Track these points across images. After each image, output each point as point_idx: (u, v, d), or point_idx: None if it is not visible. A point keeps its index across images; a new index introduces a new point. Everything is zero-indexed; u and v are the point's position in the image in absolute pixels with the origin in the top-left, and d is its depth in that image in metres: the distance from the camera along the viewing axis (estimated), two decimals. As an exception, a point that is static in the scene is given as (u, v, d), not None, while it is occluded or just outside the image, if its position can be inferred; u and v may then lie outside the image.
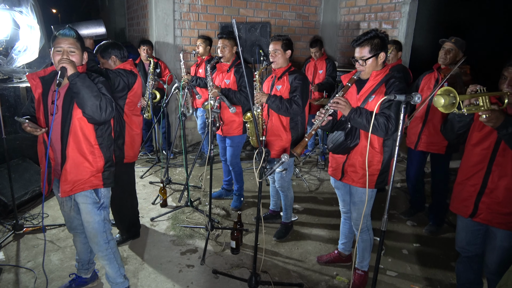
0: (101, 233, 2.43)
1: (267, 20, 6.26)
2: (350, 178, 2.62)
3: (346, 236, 3.04)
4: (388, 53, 2.53)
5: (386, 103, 2.32)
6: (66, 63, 2.07)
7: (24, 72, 4.06)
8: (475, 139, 2.19)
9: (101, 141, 2.32)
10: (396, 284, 2.91)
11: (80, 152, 2.26)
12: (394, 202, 4.31)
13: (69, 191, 2.29)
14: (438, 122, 3.33)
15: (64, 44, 2.14)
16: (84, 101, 2.08)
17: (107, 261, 2.51)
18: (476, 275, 2.43)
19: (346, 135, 2.52)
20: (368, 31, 2.40)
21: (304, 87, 3.08)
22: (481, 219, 2.18)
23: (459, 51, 3.26)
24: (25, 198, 3.82)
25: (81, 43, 2.23)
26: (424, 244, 3.46)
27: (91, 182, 2.32)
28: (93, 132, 2.28)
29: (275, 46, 3.13)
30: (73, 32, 2.18)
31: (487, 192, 2.14)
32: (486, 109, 1.95)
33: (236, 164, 3.94)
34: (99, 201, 2.39)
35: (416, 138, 3.49)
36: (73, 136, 2.22)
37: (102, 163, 2.34)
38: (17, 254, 3.12)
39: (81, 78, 2.08)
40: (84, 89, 2.07)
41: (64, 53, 2.14)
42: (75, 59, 2.16)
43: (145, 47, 5.08)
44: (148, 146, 5.75)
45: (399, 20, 5.33)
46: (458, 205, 2.30)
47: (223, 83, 3.75)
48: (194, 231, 3.57)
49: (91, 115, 2.12)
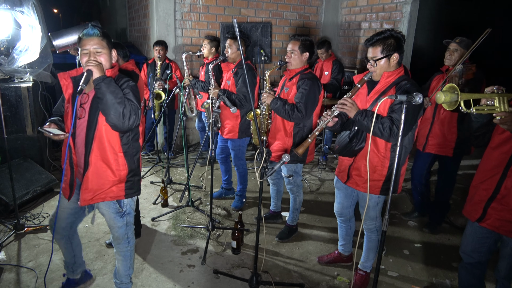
0: (123, 236, 2.42)
1: (268, 20, 6.26)
2: (355, 182, 2.57)
3: (344, 238, 3.02)
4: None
5: (395, 106, 2.25)
6: (92, 65, 1.98)
7: (26, 72, 4.06)
8: (495, 142, 2.09)
9: (126, 149, 2.22)
10: (397, 285, 2.90)
11: (104, 160, 2.17)
12: (396, 203, 4.30)
13: (89, 199, 2.21)
14: (445, 124, 3.30)
15: (89, 45, 2.04)
16: (108, 107, 1.98)
17: (122, 257, 2.49)
18: (477, 280, 2.38)
19: (351, 138, 2.45)
20: (382, 30, 2.30)
21: (311, 93, 2.95)
22: (488, 224, 2.11)
23: (464, 51, 3.22)
24: (27, 197, 3.82)
25: (108, 41, 2.12)
26: (425, 245, 3.46)
27: (112, 193, 2.24)
28: (119, 139, 2.18)
29: (292, 46, 3.01)
30: (96, 31, 2.07)
31: (498, 197, 2.05)
32: (501, 110, 1.87)
33: (241, 165, 3.93)
34: (121, 210, 2.33)
35: (424, 140, 3.45)
36: (97, 142, 2.13)
37: (125, 172, 2.24)
38: (18, 254, 3.12)
39: (106, 82, 1.98)
40: (108, 95, 1.97)
41: (90, 55, 2.05)
42: (103, 59, 2.08)
43: (158, 47, 5.03)
44: (149, 146, 5.76)
45: (400, 20, 5.32)
46: (469, 208, 2.23)
47: (225, 84, 3.75)
48: (195, 231, 3.57)
49: (114, 122, 2.02)
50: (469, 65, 3.12)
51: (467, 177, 5.14)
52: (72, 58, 4.83)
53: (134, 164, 2.30)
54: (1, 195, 3.62)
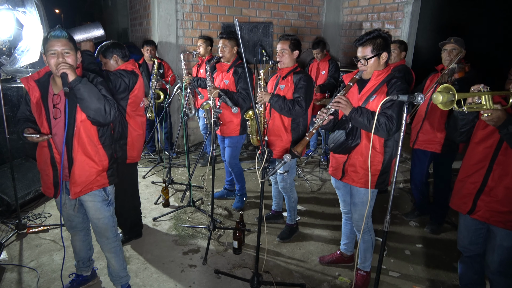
0: (111, 227, 2.51)
1: (270, 20, 6.26)
2: (351, 178, 2.61)
3: (348, 236, 3.04)
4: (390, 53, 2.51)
5: (388, 103, 2.31)
6: (66, 68, 2.04)
7: (27, 72, 4.07)
8: (479, 137, 2.19)
9: (103, 141, 2.35)
10: (398, 285, 2.90)
11: (86, 154, 2.28)
12: (396, 203, 4.30)
13: (79, 192, 2.31)
14: (434, 120, 3.35)
15: (57, 46, 2.09)
16: (89, 105, 2.10)
17: (114, 253, 2.56)
18: (478, 275, 2.43)
19: (347, 135, 2.52)
20: (370, 30, 2.39)
21: (309, 88, 3.06)
22: (479, 216, 2.20)
23: (461, 48, 3.28)
24: (28, 197, 3.83)
25: (74, 43, 2.19)
26: (426, 245, 3.45)
27: (98, 182, 2.36)
28: (96, 132, 2.30)
29: (282, 45, 3.10)
30: (64, 33, 2.13)
31: (486, 190, 2.15)
32: (488, 107, 1.95)
33: (235, 165, 3.93)
34: (107, 198, 2.44)
35: (415, 136, 3.52)
36: (77, 138, 2.23)
37: (107, 162, 2.38)
38: (20, 254, 3.13)
39: (83, 83, 2.08)
40: (88, 94, 2.08)
41: (59, 56, 2.09)
42: (71, 60, 2.13)
43: (149, 47, 5.10)
44: (150, 146, 5.76)
45: (402, 20, 5.31)
46: (457, 201, 2.32)
47: (222, 83, 3.75)
48: (196, 231, 3.57)
49: (96, 118, 2.15)
50: (463, 65, 3.15)
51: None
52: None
53: (112, 153, 2.45)
54: (3, 195, 3.63)
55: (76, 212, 2.48)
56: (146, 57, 5.13)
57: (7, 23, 3.80)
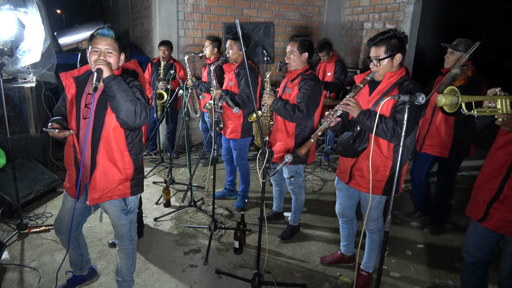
0: (127, 234, 2.44)
1: (271, 20, 6.26)
2: (357, 182, 2.56)
3: (346, 239, 3.02)
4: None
5: (398, 106, 2.25)
6: (102, 64, 1.99)
7: (29, 73, 4.08)
8: (499, 143, 2.10)
9: (131, 148, 2.25)
10: (399, 286, 2.89)
11: (110, 159, 2.19)
12: (398, 203, 4.29)
13: (97, 199, 2.23)
14: (440, 124, 3.32)
15: (101, 44, 2.06)
16: (119, 105, 2.01)
17: (125, 255, 2.52)
18: (479, 280, 2.38)
19: (354, 138, 2.44)
20: (385, 30, 2.30)
21: (312, 94, 2.95)
22: (490, 225, 2.12)
23: (460, 53, 3.23)
24: (30, 197, 3.84)
25: (119, 44, 2.15)
26: (428, 245, 3.45)
27: (119, 191, 2.27)
28: (124, 138, 2.21)
29: (291, 47, 3.01)
30: (112, 32, 2.09)
31: (501, 198, 2.06)
32: (503, 112, 1.88)
33: (243, 165, 3.93)
34: (126, 208, 2.35)
35: (422, 140, 3.48)
36: (104, 142, 2.15)
37: (131, 171, 2.28)
38: (21, 254, 3.13)
39: (117, 81, 2.01)
40: (120, 93, 2.00)
41: (101, 54, 2.06)
42: (112, 60, 2.10)
43: (163, 47, 5.06)
44: (151, 145, 5.77)
45: (403, 20, 5.31)
46: (471, 208, 2.24)
47: (227, 84, 3.75)
48: (197, 231, 3.57)
49: (125, 120, 2.04)
50: (466, 69, 3.10)
51: (471, 178, 5.13)
52: (76, 58, 4.84)
53: (138, 162, 2.33)
54: (4, 195, 3.64)
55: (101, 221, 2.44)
56: (161, 57, 5.11)
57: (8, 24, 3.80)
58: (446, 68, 3.35)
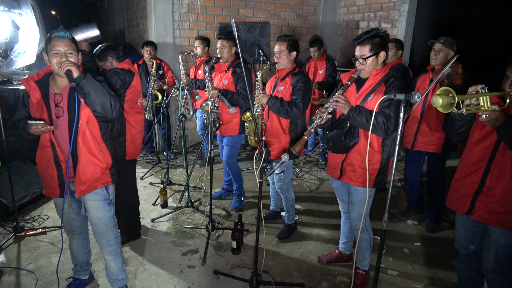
0: (112, 228, 2.50)
1: (267, 20, 6.26)
2: (349, 177, 2.61)
3: (347, 235, 3.04)
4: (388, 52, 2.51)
5: (386, 102, 2.32)
6: (70, 65, 2.09)
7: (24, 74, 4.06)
8: (476, 137, 2.18)
9: (106, 139, 2.38)
10: (397, 283, 2.91)
11: (90, 152, 2.30)
12: (394, 201, 4.31)
13: (84, 190, 2.32)
14: (433, 122, 3.35)
15: (60, 46, 2.14)
16: (95, 100, 2.13)
17: (114, 255, 2.55)
18: (476, 273, 2.44)
19: (345, 134, 2.52)
20: (368, 30, 2.39)
21: (306, 90, 3.04)
22: (477, 216, 2.20)
23: (449, 50, 3.28)
24: (26, 200, 3.82)
25: (76, 44, 2.25)
26: (425, 243, 3.46)
27: (102, 179, 2.38)
28: (99, 130, 2.33)
29: (280, 46, 3.09)
30: (68, 34, 2.19)
31: (484, 190, 2.15)
32: (486, 109, 1.94)
33: (233, 164, 3.94)
34: (109, 197, 2.45)
35: (413, 138, 3.50)
36: (81, 136, 2.25)
37: (110, 159, 2.41)
38: (18, 256, 3.12)
39: (88, 79, 2.12)
40: (93, 89, 2.12)
41: (62, 55, 2.14)
42: (74, 60, 2.18)
43: (148, 48, 5.08)
44: (148, 147, 5.75)
45: (399, 19, 5.33)
46: (455, 201, 2.32)
47: (221, 84, 3.75)
48: (195, 232, 3.57)
49: (103, 113, 2.18)
50: (455, 66, 3.12)
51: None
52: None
53: (114, 151, 2.48)
54: (0, 197, 3.61)
55: (71, 214, 2.47)
56: (146, 57, 5.12)
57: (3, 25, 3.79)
58: (433, 65, 3.37)
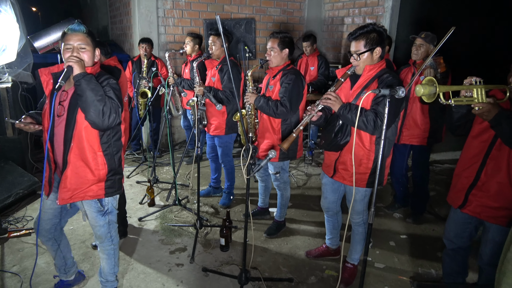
0: (106, 235, 2.39)
1: (252, 16, 6.24)
2: (341, 176, 2.58)
3: (331, 232, 3.05)
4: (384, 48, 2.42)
5: (378, 98, 2.27)
6: (73, 61, 1.95)
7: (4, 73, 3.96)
8: (476, 131, 2.18)
9: (106, 148, 2.18)
10: (384, 276, 2.95)
11: (82, 159, 2.12)
12: (380, 195, 4.36)
13: (67, 198, 2.17)
14: (417, 114, 3.40)
15: (73, 40, 2.01)
16: (87, 104, 1.95)
17: (106, 255, 2.48)
18: (460, 267, 2.48)
19: (337, 132, 2.46)
20: (365, 24, 2.32)
21: (294, 88, 2.97)
22: (470, 211, 2.20)
23: (429, 45, 3.33)
24: (9, 201, 3.73)
25: (92, 39, 2.09)
26: (410, 236, 3.52)
27: (91, 191, 2.20)
28: (98, 138, 2.14)
29: (271, 44, 3.01)
30: (82, 27, 2.04)
31: (479, 184, 2.14)
32: (479, 101, 1.93)
33: (228, 162, 3.92)
34: (103, 209, 2.30)
35: (398, 131, 3.54)
36: (76, 141, 2.09)
37: (104, 171, 2.20)
38: (1, 259, 3.05)
39: (87, 79, 1.95)
40: (88, 92, 1.93)
41: (73, 50, 2.01)
42: (86, 56, 2.05)
43: (144, 45, 4.97)
44: (134, 145, 5.69)
45: (383, 15, 5.37)
46: (452, 195, 2.33)
47: (210, 80, 3.73)
48: (183, 230, 3.55)
49: (93, 120, 1.98)
50: (437, 58, 3.17)
51: (451, 170, 5.25)
52: (54, 57, 4.72)
53: (114, 163, 2.26)
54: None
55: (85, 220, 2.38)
56: (142, 54, 5.03)
57: (-19, 22, 3.68)
58: (414, 60, 3.43)
